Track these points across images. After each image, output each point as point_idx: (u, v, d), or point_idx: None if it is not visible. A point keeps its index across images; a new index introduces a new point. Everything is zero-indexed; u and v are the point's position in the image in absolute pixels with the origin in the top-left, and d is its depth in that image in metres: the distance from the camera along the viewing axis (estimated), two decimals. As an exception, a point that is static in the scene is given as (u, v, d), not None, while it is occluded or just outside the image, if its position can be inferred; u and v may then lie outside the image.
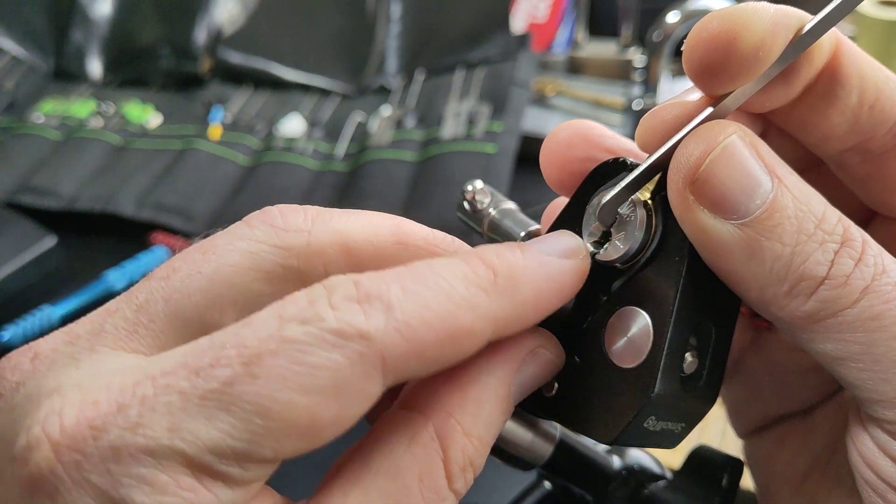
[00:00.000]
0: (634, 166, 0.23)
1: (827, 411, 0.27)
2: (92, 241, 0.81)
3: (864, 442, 0.22)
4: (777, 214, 0.20)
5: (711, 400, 0.24)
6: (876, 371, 0.20)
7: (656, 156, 0.22)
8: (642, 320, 0.22)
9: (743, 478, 0.30)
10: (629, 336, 0.23)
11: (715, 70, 0.21)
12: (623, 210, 0.23)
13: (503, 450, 0.26)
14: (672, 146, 0.22)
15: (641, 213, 0.23)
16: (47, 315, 0.69)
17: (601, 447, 0.32)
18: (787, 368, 0.28)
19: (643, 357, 0.22)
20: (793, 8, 0.21)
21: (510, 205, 0.29)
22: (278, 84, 1.01)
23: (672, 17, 0.84)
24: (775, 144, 0.22)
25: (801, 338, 0.21)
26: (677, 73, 0.91)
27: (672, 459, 0.43)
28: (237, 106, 0.98)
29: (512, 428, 0.27)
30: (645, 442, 0.23)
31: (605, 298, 0.24)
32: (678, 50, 0.21)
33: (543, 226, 0.27)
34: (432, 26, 1.00)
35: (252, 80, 1.02)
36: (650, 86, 0.90)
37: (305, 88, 1.00)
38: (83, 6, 1.10)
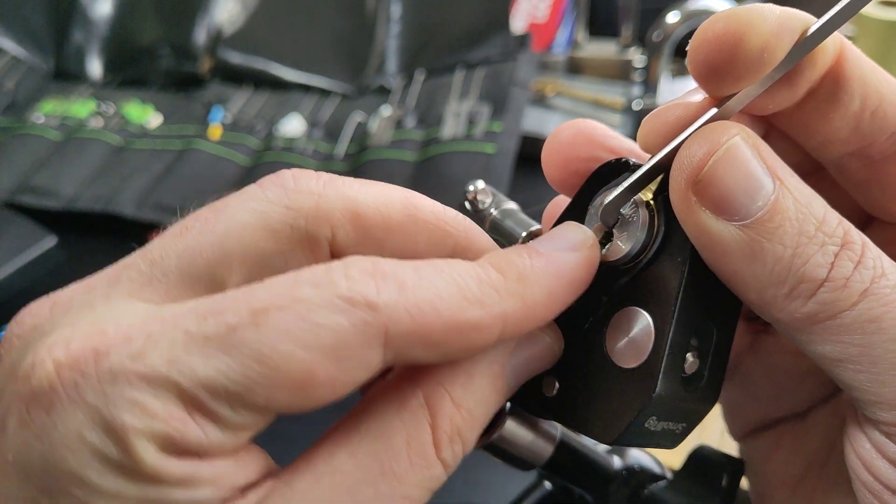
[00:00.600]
0: (637, 167, 0.23)
1: (823, 414, 0.28)
2: (92, 241, 0.81)
3: (862, 444, 0.22)
4: (778, 216, 0.20)
5: (712, 400, 0.24)
6: (874, 373, 0.20)
7: (659, 156, 0.22)
8: (644, 321, 0.22)
9: (742, 478, 0.30)
10: (631, 336, 0.23)
11: (719, 71, 0.21)
12: (625, 210, 0.23)
13: (503, 449, 0.26)
14: (675, 147, 0.22)
15: (644, 214, 0.23)
16: (47, 315, 0.69)
17: (602, 447, 0.32)
18: (784, 371, 0.28)
19: (644, 357, 0.22)
20: (797, 10, 0.21)
21: (511, 205, 0.29)
22: (278, 84, 1.01)
23: (672, 17, 0.84)
24: (777, 148, 0.22)
25: (800, 339, 0.21)
26: (677, 74, 0.91)
27: (672, 459, 0.43)
28: (237, 106, 0.98)
29: (512, 428, 0.27)
30: (645, 442, 0.23)
31: (607, 299, 0.24)
32: (678, 50, 0.21)
33: (545, 226, 0.28)
34: (432, 26, 1.00)
35: (252, 81, 1.02)
36: (650, 86, 0.91)
37: (305, 88, 1.00)
38: (83, 6, 1.10)
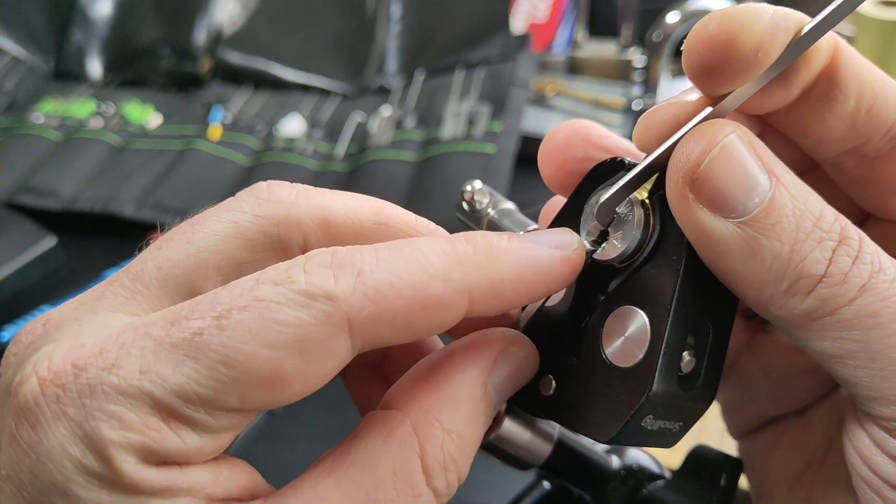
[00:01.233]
0: (632, 166, 0.23)
1: (821, 411, 0.28)
2: (92, 241, 0.81)
3: (861, 439, 0.22)
4: (775, 213, 0.20)
5: (709, 399, 0.24)
6: (873, 368, 0.20)
7: (654, 155, 0.22)
8: (640, 319, 0.22)
9: (741, 477, 0.30)
10: (627, 335, 0.23)
11: (714, 70, 0.21)
12: (621, 209, 0.23)
13: (502, 449, 0.26)
14: (670, 146, 0.22)
15: (639, 213, 0.23)
16: (47, 315, 0.69)
17: (600, 447, 0.32)
18: (782, 369, 0.28)
19: (640, 356, 0.22)
20: (792, 10, 0.21)
21: (509, 205, 0.29)
22: (278, 84, 1.01)
23: (672, 17, 0.85)
24: (773, 146, 0.22)
25: (799, 336, 0.21)
26: (677, 74, 0.91)
27: (671, 459, 0.43)
28: (237, 106, 0.98)
29: (510, 427, 0.27)
30: (643, 441, 0.23)
31: (603, 298, 0.24)
32: (678, 50, 0.22)
33: (541, 225, 0.28)
34: (432, 26, 1.00)
35: (252, 81, 1.02)
36: (650, 86, 0.91)
37: (305, 89, 1.00)
38: (83, 6, 1.10)
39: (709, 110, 0.21)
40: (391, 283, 0.20)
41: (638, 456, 0.33)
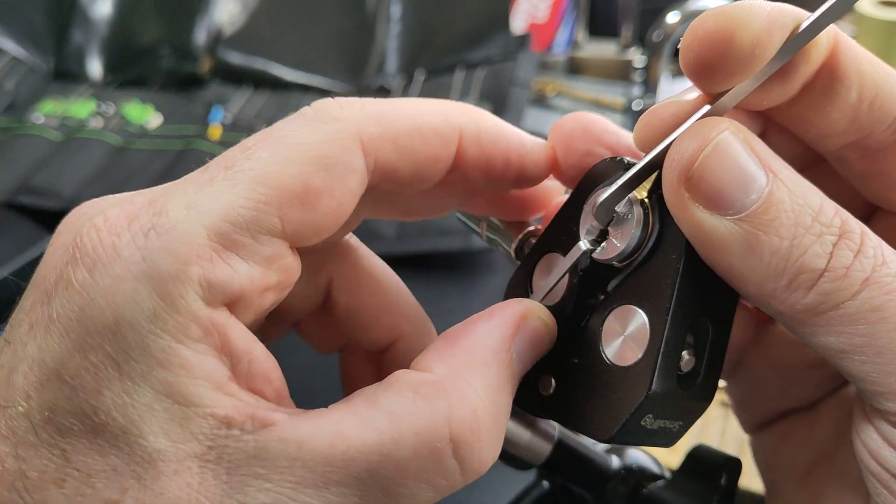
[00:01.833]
0: (631, 165, 0.23)
1: (831, 406, 0.27)
2: (92, 241, 0.81)
3: (870, 434, 0.22)
4: (773, 208, 0.20)
5: (709, 398, 0.24)
6: (879, 363, 0.20)
7: (652, 154, 0.22)
8: (639, 318, 0.22)
9: (741, 477, 0.30)
10: (626, 334, 0.23)
11: (711, 68, 0.21)
12: (620, 208, 0.23)
13: (502, 449, 0.26)
14: (668, 145, 0.22)
15: (638, 212, 0.23)
16: (47, 315, 0.69)
17: (600, 446, 0.32)
18: (790, 364, 0.28)
19: (640, 355, 0.22)
20: (789, 6, 0.21)
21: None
22: (278, 84, 1.01)
23: (672, 18, 0.84)
24: (775, 141, 0.22)
25: (803, 332, 0.21)
26: (677, 74, 0.91)
27: (671, 459, 0.43)
28: (237, 106, 0.98)
29: (510, 427, 0.27)
30: (643, 440, 0.23)
31: (602, 297, 0.24)
32: (678, 50, 0.21)
33: (543, 223, 0.28)
34: (432, 26, 1.00)
35: (252, 81, 1.02)
36: (650, 86, 0.91)
37: (305, 88, 1.00)
38: (83, 6, 1.10)
39: (707, 108, 0.21)
40: (391, 109, 0.23)
41: (638, 456, 0.33)
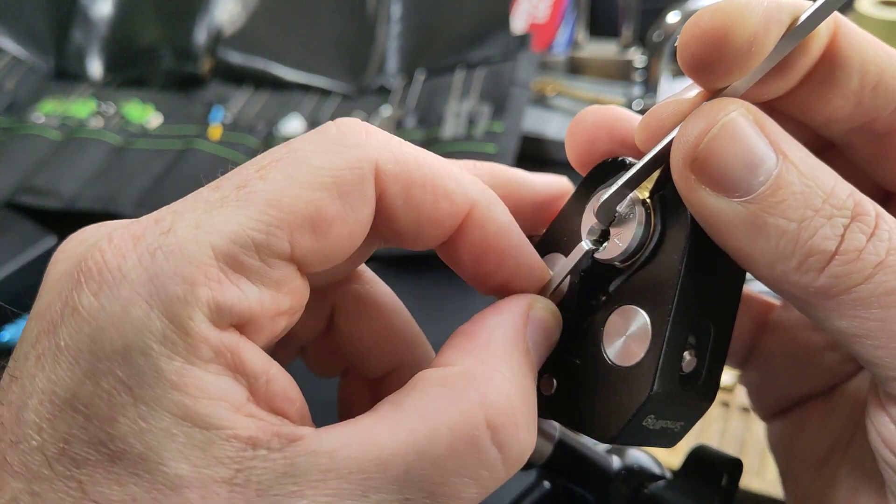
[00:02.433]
0: (634, 165, 0.23)
1: (846, 392, 0.27)
2: (92, 241, 0.81)
3: (883, 422, 0.21)
4: (782, 191, 0.20)
5: (710, 398, 0.24)
6: (893, 348, 0.20)
7: (651, 154, 0.22)
8: (641, 319, 0.22)
9: (741, 477, 0.30)
10: (628, 335, 0.23)
11: (708, 66, 0.21)
12: (623, 209, 0.23)
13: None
14: (667, 144, 0.22)
15: (640, 212, 0.23)
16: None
17: (601, 446, 0.32)
18: (801, 349, 0.27)
19: (642, 356, 0.22)
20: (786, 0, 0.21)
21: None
22: (279, 84, 1.01)
23: (672, 17, 0.84)
24: (784, 128, 0.21)
25: (817, 316, 0.21)
26: (677, 74, 0.91)
27: (671, 459, 0.43)
28: (237, 106, 0.98)
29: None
30: (644, 440, 0.23)
31: (604, 297, 0.24)
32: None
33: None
34: (433, 26, 1.00)
35: (252, 81, 1.02)
36: (650, 86, 0.90)
37: (306, 88, 1.00)
38: (83, 6, 1.10)
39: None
40: (414, 157, 0.22)
41: (639, 456, 0.33)
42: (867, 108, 0.22)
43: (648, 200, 0.23)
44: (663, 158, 0.22)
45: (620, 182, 0.23)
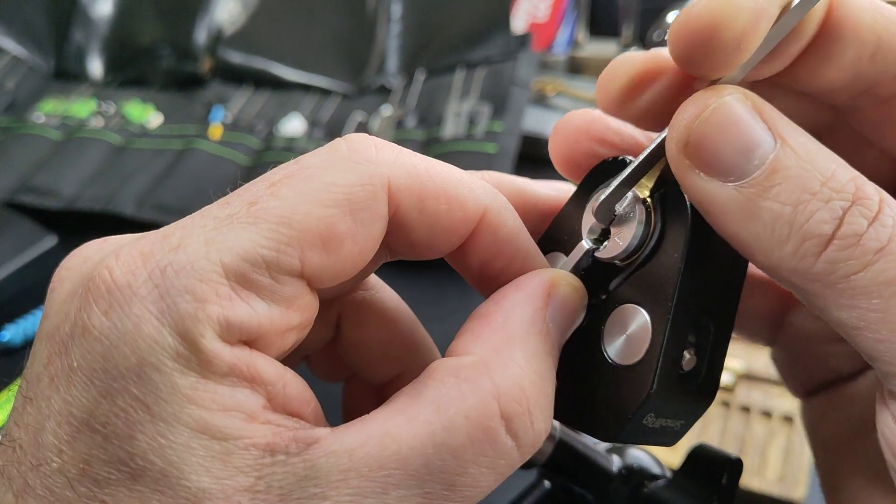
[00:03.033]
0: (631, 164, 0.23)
1: (868, 379, 0.26)
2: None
3: (886, 421, 0.21)
4: (777, 174, 0.19)
5: (710, 397, 0.24)
6: (895, 342, 0.19)
7: (646, 153, 0.22)
8: (641, 318, 0.22)
9: (741, 477, 0.30)
10: (628, 334, 0.23)
11: (698, 62, 0.20)
12: (623, 208, 0.23)
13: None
14: (662, 140, 0.22)
15: (641, 211, 0.23)
16: (48, 315, 0.68)
17: (601, 445, 0.32)
18: (825, 331, 0.27)
19: (641, 355, 0.22)
20: None
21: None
22: (279, 84, 1.01)
23: (672, 17, 0.84)
24: (786, 103, 0.21)
25: (817, 306, 0.20)
26: (677, 73, 0.91)
27: (671, 458, 0.43)
28: (238, 106, 0.98)
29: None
30: (644, 439, 0.23)
31: (605, 296, 0.24)
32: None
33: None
34: (433, 26, 1.00)
35: (252, 80, 1.02)
36: (650, 86, 0.90)
37: (306, 88, 1.00)
38: (84, 6, 1.10)
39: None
40: (427, 168, 0.21)
41: (639, 455, 0.33)
42: (866, 76, 0.22)
43: (649, 199, 0.23)
44: (659, 155, 0.22)
45: (617, 182, 0.23)
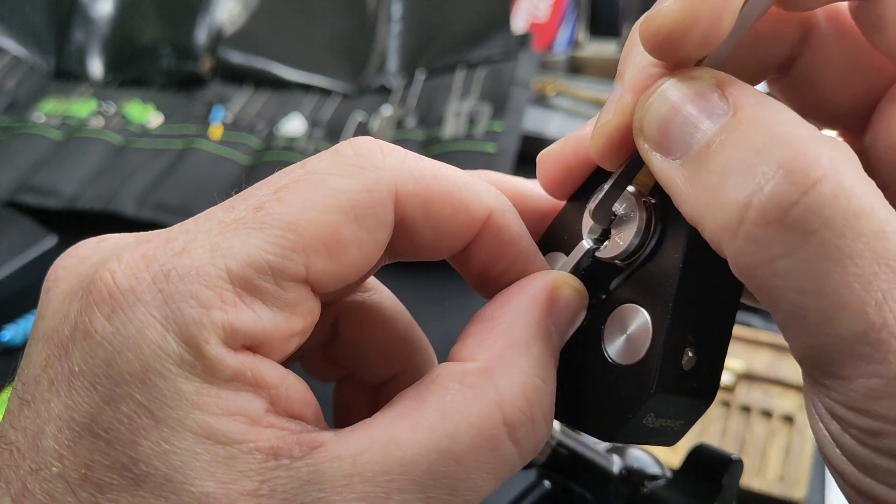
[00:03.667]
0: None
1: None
2: (93, 241, 0.81)
3: (818, 408, 0.20)
4: (710, 148, 0.19)
5: (710, 397, 0.24)
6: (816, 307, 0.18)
7: (632, 156, 0.22)
8: (641, 317, 0.23)
9: (742, 477, 0.30)
10: (628, 333, 0.23)
11: (670, 58, 0.21)
12: (623, 208, 0.23)
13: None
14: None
15: (641, 211, 0.23)
16: (48, 314, 0.69)
17: (601, 445, 0.32)
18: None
19: (642, 354, 0.22)
20: None
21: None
22: (279, 84, 1.01)
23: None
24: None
25: (752, 286, 0.19)
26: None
27: (671, 458, 0.43)
28: (238, 105, 0.98)
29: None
30: (645, 439, 0.23)
31: (605, 296, 0.24)
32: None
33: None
34: (433, 26, 1.00)
35: (253, 80, 1.02)
36: (651, 86, 0.90)
37: (306, 88, 1.00)
38: (84, 6, 1.10)
39: None
40: (432, 172, 0.21)
41: (639, 455, 0.33)
42: None
43: (650, 199, 0.23)
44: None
45: (608, 185, 0.23)
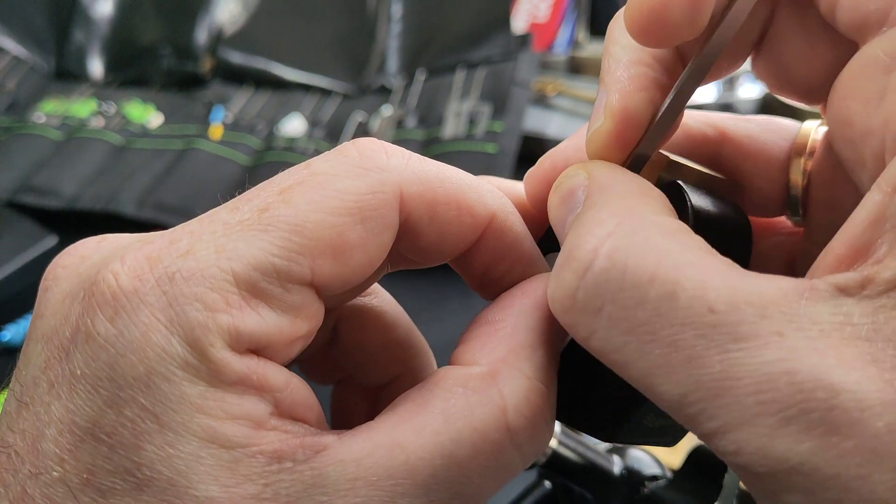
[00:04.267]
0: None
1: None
2: (93, 241, 0.81)
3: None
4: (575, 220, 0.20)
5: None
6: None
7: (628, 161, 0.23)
8: (642, 318, 0.22)
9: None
10: (629, 334, 0.23)
11: (656, 43, 0.21)
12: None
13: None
14: (652, 132, 0.22)
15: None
16: (48, 314, 0.68)
17: (601, 446, 0.32)
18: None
19: None
20: None
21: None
22: (279, 84, 1.01)
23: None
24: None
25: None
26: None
27: (672, 459, 0.43)
28: (238, 106, 0.98)
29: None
30: (645, 439, 0.23)
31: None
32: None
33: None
34: (433, 26, 1.00)
35: (253, 80, 1.02)
36: (651, 86, 0.90)
37: (306, 88, 1.00)
38: (84, 6, 1.10)
39: (668, 101, 0.22)
40: (437, 174, 0.21)
41: (639, 455, 0.33)
42: None
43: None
44: (650, 155, 0.22)
45: None
